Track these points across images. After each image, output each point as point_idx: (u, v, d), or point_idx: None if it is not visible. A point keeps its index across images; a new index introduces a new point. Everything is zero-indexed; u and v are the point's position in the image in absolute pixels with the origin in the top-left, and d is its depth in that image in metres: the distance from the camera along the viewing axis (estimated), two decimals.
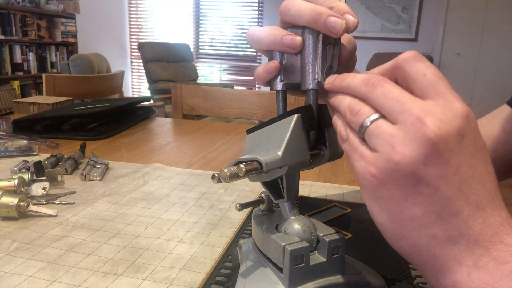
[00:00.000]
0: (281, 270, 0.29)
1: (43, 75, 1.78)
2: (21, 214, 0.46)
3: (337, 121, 0.30)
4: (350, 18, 0.30)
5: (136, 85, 5.37)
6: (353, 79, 0.28)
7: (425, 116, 0.24)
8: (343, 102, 0.29)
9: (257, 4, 4.72)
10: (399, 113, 0.25)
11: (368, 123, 0.26)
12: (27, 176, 0.52)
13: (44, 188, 0.52)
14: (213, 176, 0.28)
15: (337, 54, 0.32)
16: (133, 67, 5.30)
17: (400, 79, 0.27)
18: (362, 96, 0.28)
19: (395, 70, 0.28)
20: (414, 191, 0.25)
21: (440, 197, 0.25)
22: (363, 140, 0.27)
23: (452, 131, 0.24)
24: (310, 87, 0.31)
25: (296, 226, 0.30)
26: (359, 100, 0.28)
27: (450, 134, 0.24)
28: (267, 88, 0.35)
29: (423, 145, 0.24)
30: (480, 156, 0.26)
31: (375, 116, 0.26)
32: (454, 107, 0.25)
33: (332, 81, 0.30)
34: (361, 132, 0.27)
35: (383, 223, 0.27)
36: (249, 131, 0.34)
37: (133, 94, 5.34)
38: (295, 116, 0.30)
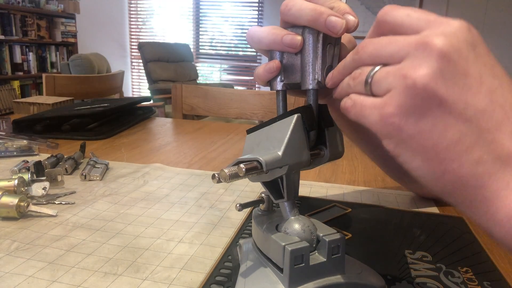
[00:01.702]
0: (281, 270, 0.29)
1: (43, 75, 1.78)
2: (21, 214, 0.46)
3: (342, 102, 0.28)
4: (351, 18, 0.30)
5: (136, 85, 5.37)
6: (345, 59, 0.28)
7: (427, 37, 0.23)
8: (344, 81, 0.28)
9: (257, 4, 4.72)
10: (398, 51, 0.24)
11: (372, 74, 0.25)
12: (27, 176, 0.52)
13: (44, 188, 0.52)
14: (213, 176, 0.28)
15: (337, 54, 0.32)
16: (133, 67, 5.30)
17: (389, 33, 0.26)
18: (358, 63, 0.27)
19: (380, 29, 0.27)
20: (441, 113, 0.22)
21: (472, 112, 0.22)
22: (372, 96, 0.25)
23: (460, 41, 0.22)
24: (310, 87, 0.31)
25: (296, 226, 0.30)
26: (358, 68, 0.27)
27: (460, 43, 0.22)
28: (267, 88, 0.35)
29: (435, 59, 0.22)
30: (500, 67, 0.23)
31: (377, 67, 0.25)
32: (453, 23, 0.23)
33: (331, 76, 0.30)
34: (367, 88, 0.25)
35: (419, 167, 0.24)
36: (249, 131, 0.33)
37: (133, 94, 5.34)
38: (295, 116, 0.30)
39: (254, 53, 4.89)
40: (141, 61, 3.93)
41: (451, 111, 0.22)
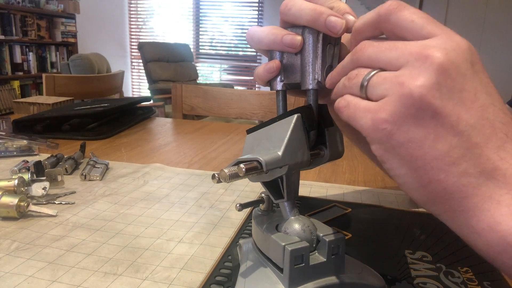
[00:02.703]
0: (281, 270, 0.29)
1: (43, 75, 1.78)
2: (21, 214, 0.46)
3: (336, 102, 0.28)
4: (351, 18, 0.30)
5: (136, 85, 5.37)
6: (344, 60, 0.28)
7: (428, 49, 0.23)
8: (340, 81, 0.28)
9: (257, 4, 4.72)
10: (398, 58, 0.24)
11: (368, 78, 0.25)
12: (27, 176, 0.52)
13: (44, 188, 0.52)
14: (213, 176, 0.28)
15: (337, 54, 0.32)
16: (133, 67, 5.30)
17: (388, 33, 0.26)
18: (356, 64, 0.27)
19: (380, 24, 0.26)
20: (434, 125, 0.23)
21: (463, 126, 0.22)
22: (366, 99, 0.25)
23: (460, 57, 0.23)
24: (310, 87, 0.31)
25: (296, 226, 0.30)
26: (354, 69, 0.27)
27: (459, 60, 0.23)
28: (267, 88, 0.35)
29: (434, 72, 0.22)
30: (493, 87, 0.24)
31: (374, 71, 0.25)
32: (455, 38, 0.23)
33: (330, 76, 0.30)
34: (363, 91, 0.25)
35: (405, 175, 0.24)
36: (249, 131, 0.33)
37: (133, 94, 5.34)
38: (295, 116, 0.30)
39: (254, 53, 4.88)
40: (141, 61, 3.93)
41: (443, 123, 0.23)
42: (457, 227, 0.25)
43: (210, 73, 5.15)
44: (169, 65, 3.95)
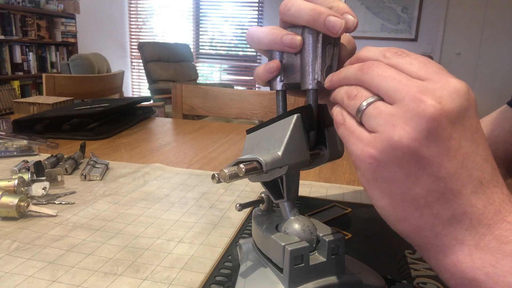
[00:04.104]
0: (281, 270, 0.29)
1: (43, 75, 1.78)
2: (21, 214, 0.46)
3: (334, 109, 0.29)
4: (350, 18, 0.30)
5: (136, 85, 5.37)
6: (349, 69, 0.28)
7: (424, 93, 0.24)
8: (340, 91, 0.29)
9: (257, 4, 4.72)
10: (396, 91, 0.25)
11: (365, 105, 0.26)
12: (27, 176, 0.52)
13: (44, 188, 0.52)
14: (213, 176, 0.28)
15: (337, 54, 0.32)
16: (133, 67, 5.30)
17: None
18: (359, 81, 0.27)
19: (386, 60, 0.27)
20: (416, 169, 0.24)
21: (443, 174, 0.24)
22: (360, 124, 0.27)
23: (453, 106, 0.24)
24: (310, 87, 0.31)
25: (296, 226, 0.30)
26: (356, 86, 0.28)
27: (452, 107, 0.24)
28: (267, 88, 0.35)
29: (425, 121, 0.23)
30: (481, 132, 0.25)
31: (372, 98, 0.26)
32: (452, 83, 0.24)
33: (330, 78, 0.30)
34: (358, 115, 0.26)
35: (384, 207, 0.26)
36: (249, 131, 0.33)
37: (133, 94, 5.34)
38: (295, 116, 0.30)
39: (254, 53, 4.89)
40: (141, 61, 3.93)
41: (425, 168, 0.24)
42: (428, 259, 0.27)
43: (210, 73, 5.15)
44: (169, 65, 3.95)
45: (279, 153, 0.28)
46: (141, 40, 4.92)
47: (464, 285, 0.25)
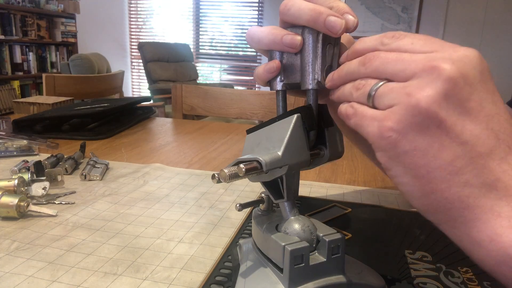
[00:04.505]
0: (281, 270, 0.29)
1: (43, 75, 1.77)
2: (21, 214, 0.46)
3: (341, 106, 0.28)
4: (350, 18, 0.30)
5: (136, 85, 5.37)
6: (350, 65, 0.28)
7: (435, 60, 0.23)
8: (346, 87, 0.28)
9: (257, 4, 4.72)
10: (405, 70, 0.24)
11: (375, 89, 0.25)
12: (27, 176, 0.52)
13: (44, 188, 0.52)
14: (213, 176, 0.28)
15: (337, 54, 0.32)
16: (133, 67, 5.30)
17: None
18: (363, 75, 0.27)
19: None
20: (439, 133, 0.23)
21: (468, 136, 0.23)
22: (373, 107, 0.26)
23: (467, 66, 0.23)
24: (310, 87, 0.31)
25: (296, 226, 0.30)
26: (361, 79, 0.27)
27: (467, 69, 0.23)
28: (267, 88, 0.35)
29: (442, 83, 0.22)
30: (499, 96, 0.24)
31: (381, 82, 0.25)
32: (461, 50, 0.24)
33: (331, 77, 0.30)
34: (370, 100, 0.25)
35: (408, 183, 0.25)
36: (249, 131, 0.33)
37: (133, 94, 5.34)
38: (295, 116, 0.30)
39: (254, 53, 4.89)
40: (141, 61, 3.93)
41: (448, 132, 0.23)
42: (457, 237, 0.25)
43: (210, 73, 5.15)
44: (169, 65, 3.95)
45: (279, 153, 0.28)
46: (141, 40, 4.92)
47: (506, 263, 0.23)
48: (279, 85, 0.33)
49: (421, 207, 0.25)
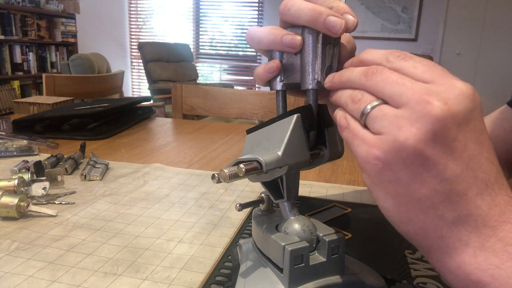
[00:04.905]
0: (281, 270, 0.29)
1: (43, 75, 1.77)
2: (21, 214, 0.46)
3: (337, 113, 0.29)
4: (350, 18, 0.30)
5: (136, 85, 5.37)
6: (352, 72, 0.28)
7: (429, 95, 0.24)
8: (344, 94, 0.29)
9: (257, 4, 4.72)
10: (401, 95, 0.25)
11: (370, 108, 0.26)
12: (27, 176, 0.52)
13: (44, 188, 0.52)
14: (213, 176, 0.28)
15: (337, 54, 0.32)
16: (133, 67, 5.30)
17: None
18: (362, 87, 0.27)
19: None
20: (422, 170, 0.24)
21: (448, 175, 0.24)
22: (365, 127, 0.26)
23: (460, 106, 0.24)
24: (310, 87, 0.31)
25: (296, 226, 0.30)
26: (360, 90, 0.27)
27: (458, 109, 0.24)
28: (267, 88, 0.35)
29: (431, 122, 0.23)
30: (486, 134, 0.25)
31: (377, 102, 0.26)
32: (457, 85, 0.24)
33: (331, 79, 0.30)
34: (363, 118, 0.26)
35: (389, 208, 0.26)
36: (249, 131, 0.33)
37: (133, 94, 5.34)
38: (295, 116, 0.30)
39: (254, 53, 4.89)
40: (141, 61, 3.93)
41: (431, 170, 0.24)
42: (432, 261, 0.27)
43: (210, 73, 5.15)
44: (169, 65, 3.95)
45: (279, 153, 0.28)
46: (141, 40, 4.92)
47: (469, 287, 0.25)
48: (279, 85, 0.33)
49: (401, 231, 0.27)
